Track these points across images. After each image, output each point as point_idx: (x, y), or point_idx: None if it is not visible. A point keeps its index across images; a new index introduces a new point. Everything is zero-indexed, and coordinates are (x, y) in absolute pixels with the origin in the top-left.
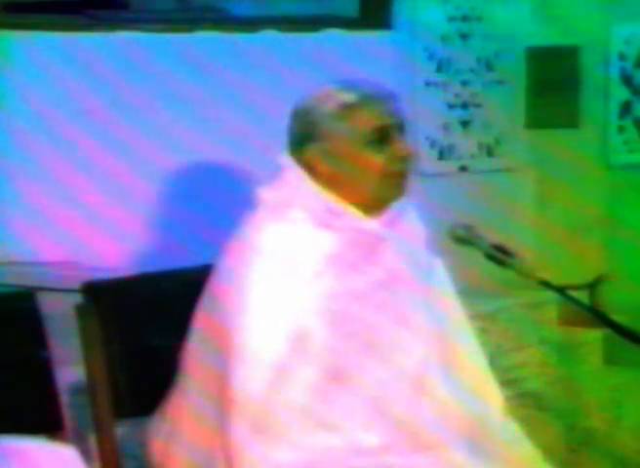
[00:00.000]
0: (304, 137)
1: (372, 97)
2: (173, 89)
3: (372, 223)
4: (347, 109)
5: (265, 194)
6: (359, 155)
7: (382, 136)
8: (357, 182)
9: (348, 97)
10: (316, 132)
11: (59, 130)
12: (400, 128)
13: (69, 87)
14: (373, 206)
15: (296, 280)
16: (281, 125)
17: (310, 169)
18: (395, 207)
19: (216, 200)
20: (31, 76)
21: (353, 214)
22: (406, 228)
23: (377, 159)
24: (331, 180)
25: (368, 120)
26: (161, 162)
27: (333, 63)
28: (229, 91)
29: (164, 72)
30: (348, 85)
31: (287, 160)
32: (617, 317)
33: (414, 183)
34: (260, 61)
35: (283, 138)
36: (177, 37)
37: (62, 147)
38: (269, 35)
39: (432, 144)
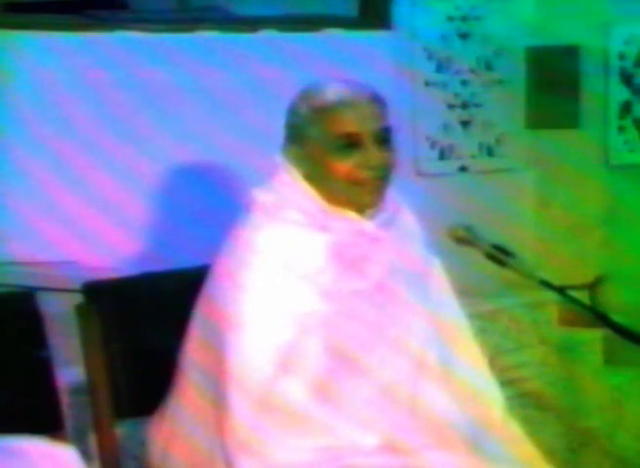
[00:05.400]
0: (287, 139)
1: (345, 102)
2: (172, 88)
3: (367, 224)
4: (319, 113)
5: (260, 195)
6: (328, 160)
7: (353, 143)
8: (329, 186)
9: (323, 99)
10: (295, 135)
11: (58, 129)
12: (378, 135)
13: (69, 87)
14: (351, 208)
15: (292, 281)
16: (280, 125)
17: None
18: (390, 208)
19: (216, 200)
20: (31, 76)
21: (348, 215)
22: (402, 229)
23: (343, 165)
24: (310, 182)
25: (337, 126)
26: (161, 162)
27: (333, 63)
28: (229, 90)
29: (164, 72)
30: (330, 85)
31: (281, 160)
32: (616, 317)
33: (414, 183)
34: (260, 61)
35: (281, 139)
36: (177, 37)
37: (62, 147)
38: (269, 35)
39: (432, 144)
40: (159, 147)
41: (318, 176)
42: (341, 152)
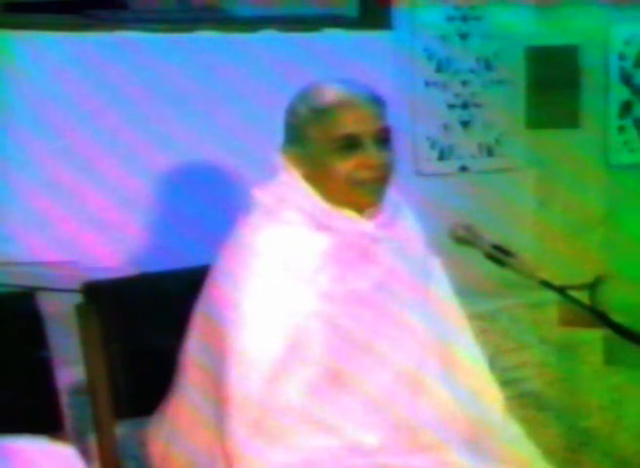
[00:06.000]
0: (286, 139)
1: (344, 103)
2: (172, 89)
3: (367, 225)
4: (318, 114)
5: (260, 195)
6: (327, 161)
7: (353, 144)
8: (329, 187)
9: (322, 100)
10: (294, 135)
11: (58, 129)
12: (377, 135)
13: (69, 87)
14: (350, 209)
15: (292, 281)
16: (280, 125)
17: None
18: (390, 208)
19: (216, 200)
20: (31, 76)
21: (347, 215)
22: (402, 229)
23: (342, 166)
24: (310, 183)
25: (336, 127)
26: (161, 162)
27: (333, 63)
28: (229, 91)
29: (164, 72)
30: (329, 86)
31: (281, 160)
32: (617, 317)
33: (414, 183)
34: (260, 61)
35: (281, 139)
36: (177, 37)
37: (62, 147)
38: (269, 35)
39: (432, 144)
40: (159, 148)
41: (318, 177)
42: (341, 153)
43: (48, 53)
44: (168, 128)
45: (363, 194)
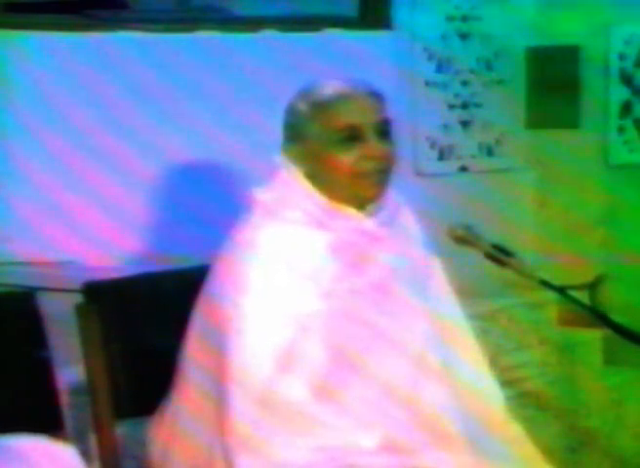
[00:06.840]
0: (286, 138)
1: (344, 96)
2: (172, 89)
3: (367, 223)
4: (318, 108)
5: (260, 195)
6: (329, 154)
7: (354, 135)
8: (331, 182)
9: (321, 95)
10: (294, 133)
11: (58, 129)
12: (378, 127)
13: (69, 87)
14: (353, 204)
15: (293, 280)
16: (280, 125)
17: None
18: (390, 206)
19: (216, 200)
20: (31, 76)
21: (348, 213)
22: (402, 228)
23: (345, 158)
24: (311, 180)
25: (337, 119)
26: (161, 161)
27: (333, 63)
28: (229, 91)
29: (164, 72)
30: (328, 82)
31: (281, 159)
32: (616, 317)
33: (414, 183)
34: (261, 61)
35: (281, 138)
36: (177, 37)
37: (62, 147)
38: (269, 35)
39: (432, 144)
40: (159, 147)
41: (319, 173)
42: (343, 145)
43: (48, 53)
44: (168, 127)
45: (366, 186)
